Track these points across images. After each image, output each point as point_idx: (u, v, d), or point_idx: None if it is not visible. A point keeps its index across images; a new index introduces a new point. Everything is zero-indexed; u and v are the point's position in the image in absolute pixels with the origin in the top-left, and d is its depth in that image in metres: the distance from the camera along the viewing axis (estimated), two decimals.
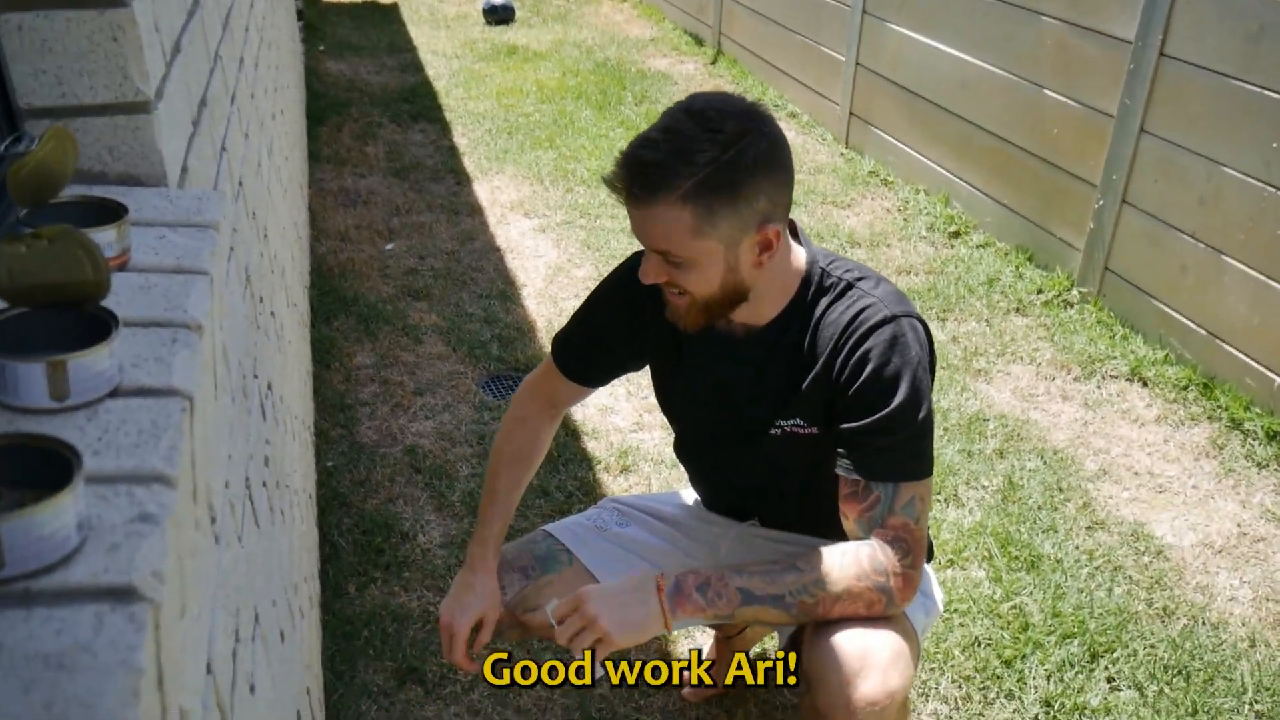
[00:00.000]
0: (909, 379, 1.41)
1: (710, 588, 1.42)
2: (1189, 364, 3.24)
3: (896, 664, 1.38)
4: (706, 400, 1.60)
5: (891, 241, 4.23)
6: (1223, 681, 2.13)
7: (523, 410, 1.73)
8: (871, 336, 1.42)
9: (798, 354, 1.48)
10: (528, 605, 1.59)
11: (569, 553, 1.67)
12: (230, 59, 1.71)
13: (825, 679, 1.38)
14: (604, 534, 1.73)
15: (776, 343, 1.49)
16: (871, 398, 1.41)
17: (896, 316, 1.43)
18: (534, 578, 1.63)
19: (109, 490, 0.63)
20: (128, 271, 0.90)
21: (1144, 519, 2.63)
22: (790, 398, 1.50)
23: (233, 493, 1.09)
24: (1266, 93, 2.92)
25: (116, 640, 0.53)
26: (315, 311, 3.50)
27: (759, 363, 1.51)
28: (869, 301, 1.45)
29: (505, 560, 1.65)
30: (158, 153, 1.04)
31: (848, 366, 1.43)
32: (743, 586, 1.41)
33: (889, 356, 1.41)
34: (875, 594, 1.41)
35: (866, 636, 1.40)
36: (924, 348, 1.45)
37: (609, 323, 1.63)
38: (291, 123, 3.63)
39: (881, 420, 1.41)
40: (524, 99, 5.99)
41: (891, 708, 1.36)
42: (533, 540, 1.70)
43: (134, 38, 0.98)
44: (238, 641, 1.03)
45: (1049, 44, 3.79)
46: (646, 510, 1.80)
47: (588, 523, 1.75)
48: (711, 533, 1.76)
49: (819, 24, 5.46)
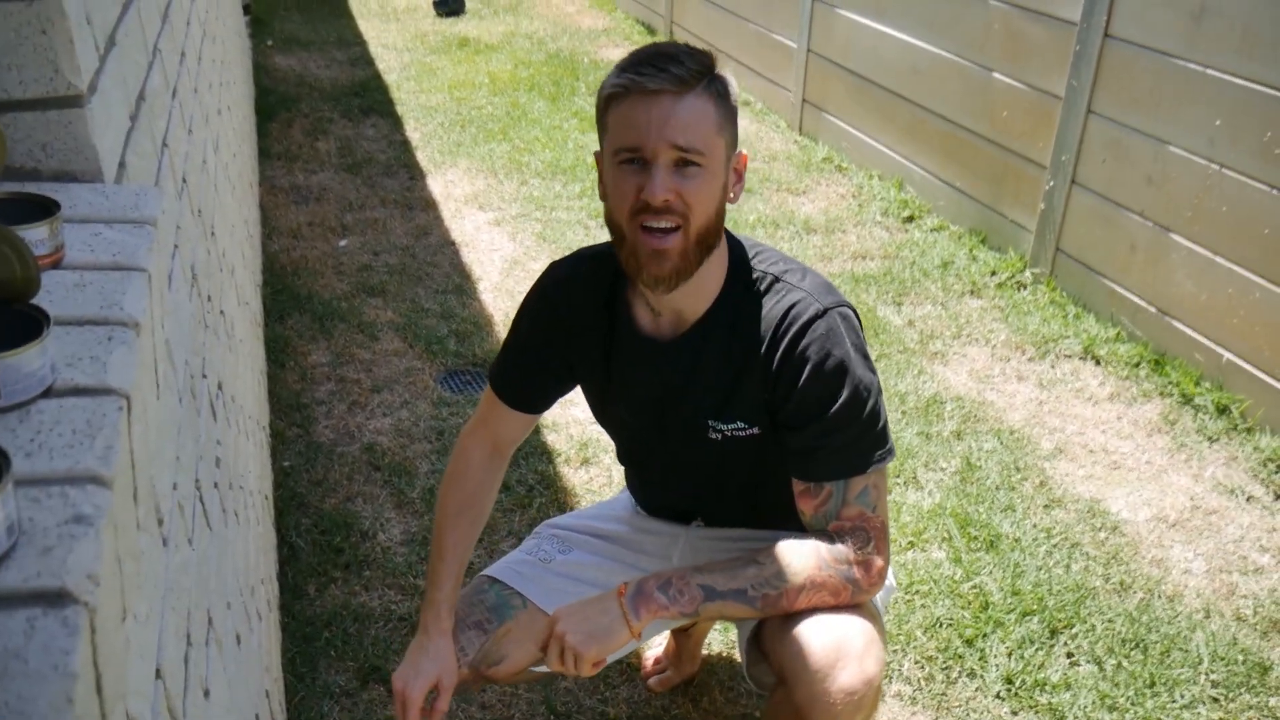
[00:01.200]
0: (850, 374, 1.40)
1: (672, 586, 1.40)
2: (1140, 341, 3.28)
3: (870, 650, 1.38)
4: (642, 410, 1.58)
5: (847, 227, 4.25)
6: (1179, 653, 2.16)
7: (464, 461, 1.65)
8: (807, 333, 1.40)
9: (728, 352, 1.46)
10: (491, 659, 1.53)
11: (520, 595, 1.61)
12: (170, 53, 1.68)
13: (800, 673, 1.37)
14: (549, 566, 1.67)
15: (705, 341, 1.47)
16: (816, 397, 1.41)
17: (828, 309, 1.42)
18: (491, 630, 1.56)
19: (41, 493, 0.61)
20: (62, 269, 0.87)
21: (1099, 495, 2.67)
22: (728, 399, 1.48)
23: (182, 494, 1.07)
24: (1208, 71, 2.96)
25: (49, 645, 0.52)
26: (268, 310, 3.45)
27: (690, 365, 1.49)
28: (798, 296, 1.43)
29: (458, 619, 1.57)
30: (92, 148, 1.01)
31: (786, 366, 1.41)
32: (704, 583, 1.40)
33: (828, 350, 1.40)
34: (840, 582, 1.40)
35: (835, 626, 1.39)
36: (859, 335, 1.44)
37: (539, 339, 1.60)
38: (239, 119, 3.57)
39: (829, 421, 1.40)
40: (476, 92, 5.94)
41: (870, 694, 1.36)
42: (480, 591, 1.63)
43: (64, 30, 0.96)
44: (190, 645, 1.02)
45: (996, 27, 3.82)
46: (587, 530, 1.75)
47: (530, 558, 1.69)
48: (659, 542, 1.73)
49: (770, 11, 5.47)
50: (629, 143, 1.33)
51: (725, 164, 1.37)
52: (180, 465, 1.08)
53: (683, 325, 1.48)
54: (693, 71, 1.32)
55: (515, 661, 1.52)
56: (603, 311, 1.53)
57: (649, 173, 1.32)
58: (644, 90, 1.31)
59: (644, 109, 1.31)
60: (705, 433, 1.52)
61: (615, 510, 1.82)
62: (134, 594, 0.71)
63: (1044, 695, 2.06)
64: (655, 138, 1.31)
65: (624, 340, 1.53)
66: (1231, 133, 2.91)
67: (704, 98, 1.33)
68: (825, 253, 4.01)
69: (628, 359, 1.54)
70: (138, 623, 0.72)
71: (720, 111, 1.35)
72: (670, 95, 1.31)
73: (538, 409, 1.68)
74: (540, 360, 1.61)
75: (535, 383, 1.64)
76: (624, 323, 1.53)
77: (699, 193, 1.34)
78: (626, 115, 1.33)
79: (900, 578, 2.34)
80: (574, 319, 1.56)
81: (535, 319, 1.60)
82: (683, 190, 1.33)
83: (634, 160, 1.33)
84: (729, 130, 1.37)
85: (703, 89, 1.33)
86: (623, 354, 1.54)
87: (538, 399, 1.66)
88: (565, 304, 1.56)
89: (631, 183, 1.34)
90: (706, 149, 1.33)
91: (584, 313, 1.55)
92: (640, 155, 1.33)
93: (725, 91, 1.36)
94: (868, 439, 1.43)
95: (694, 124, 1.32)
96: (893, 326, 3.46)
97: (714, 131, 1.34)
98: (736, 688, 2.10)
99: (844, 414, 1.40)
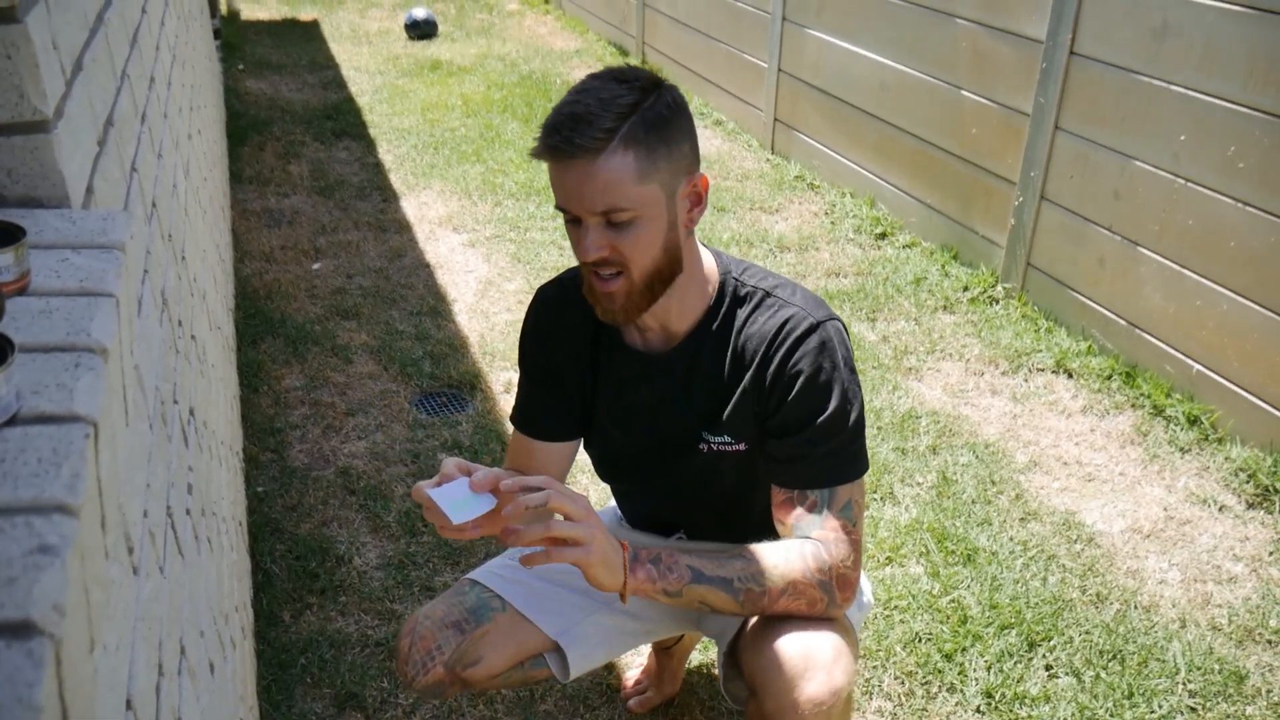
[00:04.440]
0: (840, 385, 1.43)
1: (661, 561, 1.40)
2: (1111, 354, 3.31)
3: (839, 661, 1.38)
4: (628, 423, 1.58)
5: (820, 245, 4.28)
6: (1156, 663, 2.17)
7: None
8: (801, 346, 1.43)
9: (721, 367, 1.48)
10: (467, 660, 1.53)
11: (500, 598, 1.60)
12: (139, 77, 1.67)
13: (770, 684, 1.38)
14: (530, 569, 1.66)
15: (698, 355, 1.49)
16: (806, 407, 1.43)
17: (821, 323, 1.45)
18: (469, 631, 1.55)
19: (6, 522, 0.60)
20: (28, 296, 0.86)
21: (1074, 508, 2.68)
22: (718, 413, 1.50)
23: (152, 522, 1.06)
24: (1172, 87, 3.01)
25: (14, 678, 0.51)
26: (241, 334, 3.43)
27: (682, 378, 1.51)
28: (791, 311, 1.45)
29: (436, 619, 1.56)
30: (59, 173, 1.00)
31: (781, 378, 1.43)
32: (692, 565, 1.40)
33: (820, 364, 1.42)
34: (817, 592, 1.41)
35: (806, 638, 1.40)
36: (849, 350, 1.47)
37: (544, 365, 1.60)
38: (210, 143, 3.55)
39: (818, 429, 1.42)
40: (449, 114, 5.95)
41: (838, 705, 1.37)
42: (460, 592, 1.61)
43: (29, 55, 0.95)
44: (161, 675, 1.00)
45: (964, 45, 3.86)
46: None
47: (512, 562, 1.68)
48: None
49: (740, 31, 5.51)
50: (560, 203, 1.35)
51: (666, 203, 1.35)
52: (151, 492, 1.07)
53: (673, 339, 1.50)
54: (605, 130, 1.28)
55: (491, 665, 1.53)
56: (592, 327, 1.55)
57: (583, 229, 1.35)
58: (559, 157, 1.31)
59: (561, 175, 1.32)
60: (694, 444, 1.52)
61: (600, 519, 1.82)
62: (103, 624, 0.70)
63: (1024, 708, 2.06)
64: (576, 204, 1.33)
65: (613, 355, 1.55)
66: (1195, 147, 2.95)
67: (620, 153, 1.29)
68: (799, 270, 4.03)
69: (617, 373, 1.55)
70: (107, 653, 0.71)
71: (643, 159, 1.30)
72: (584, 160, 1.29)
73: (569, 436, 1.63)
74: (552, 383, 1.60)
75: (556, 409, 1.61)
76: (613, 338, 1.55)
77: (635, 244, 1.35)
78: (553, 177, 1.35)
79: (879, 593, 2.34)
80: (563, 336, 1.57)
81: (534, 345, 1.61)
82: (617, 243, 1.34)
83: (571, 219, 1.36)
84: (663, 169, 1.33)
85: (619, 142, 1.29)
86: (612, 369, 1.55)
87: (564, 425, 1.62)
88: (555, 323, 1.58)
89: (574, 235, 1.37)
90: (631, 203, 1.32)
91: (572, 329, 1.56)
92: (571, 214, 1.35)
93: (657, 121, 1.31)
94: (850, 450, 1.45)
95: (612, 185, 1.30)
96: (867, 343, 3.47)
97: (635, 183, 1.31)
98: (718, 707, 2.09)
99: (831, 424, 1.42)
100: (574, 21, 8.35)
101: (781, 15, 5.04)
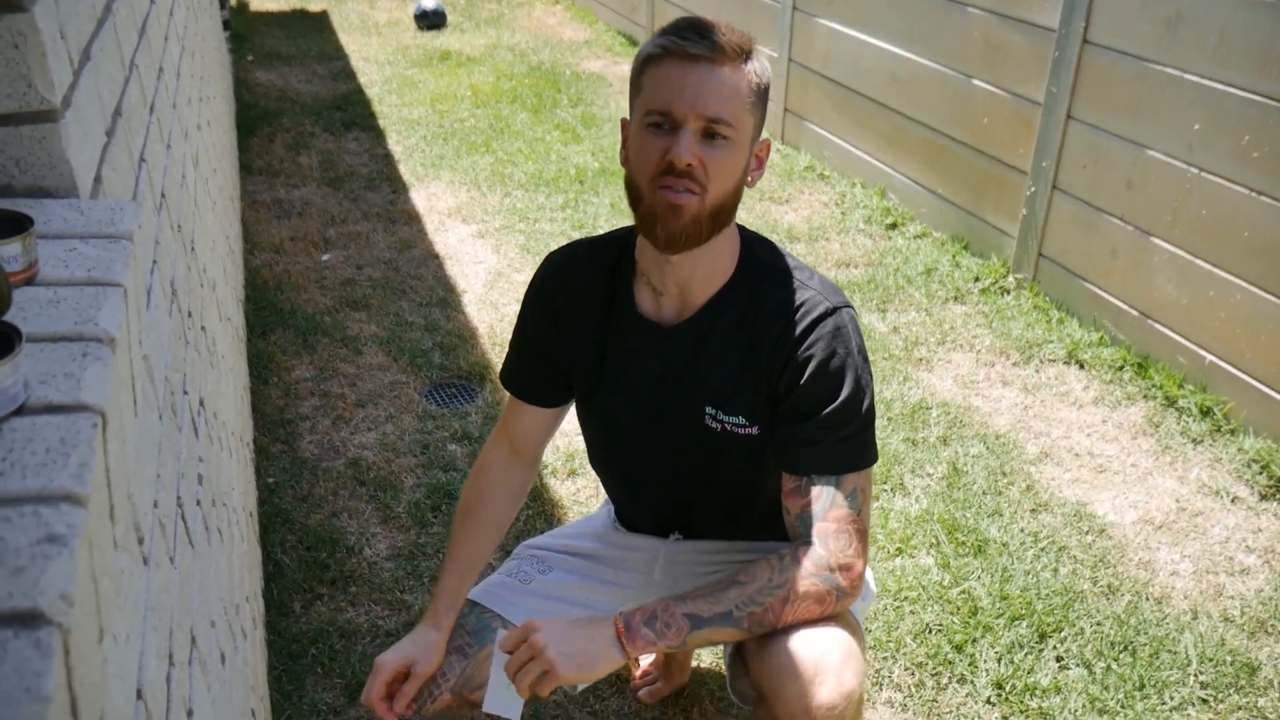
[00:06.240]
0: (854, 372, 1.42)
1: (658, 620, 1.37)
2: (1123, 345, 3.30)
3: (849, 664, 1.36)
4: (637, 396, 1.55)
5: (830, 235, 4.26)
6: (1168, 655, 2.16)
7: (480, 461, 1.69)
8: (816, 329, 1.41)
9: (735, 342, 1.46)
10: (474, 684, 1.53)
11: (500, 618, 1.60)
12: (148, 68, 1.67)
13: (780, 690, 1.36)
14: (529, 587, 1.66)
15: (712, 328, 1.47)
16: (818, 392, 1.41)
17: (837, 308, 1.43)
18: (473, 655, 1.55)
19: (14, 512, 0.60)
20: (35, 286, 0.86)
21: (1085, 499, 2.67)
22: (732, 390, 1.47)
23: (163, 512, 1.06)
24: (1186, 76, 2.98)
25: (22, 668, 0.51)
26: (251, 325, 3.43)
27: (695, 351, 1.48)
28: (808, 294, 1.44)
29: None
30: (67, 163, 1.00)
31: (794, 361, 1.42)
32: (689, 612, 1.37)
33: (834, 349, 1.41)
34: (823, 589, 1.39)
35: (814, 640, 1.37)
36: (861, 338, 1.45)
37: (541, 328, 1.59)
38: (220, 134, 3.55)
39: (829, 415, 1.41)
40: (458, 104, 5.94)
41: (850, 708, 1.35)
42: (460, 616, 1.61)
43: (36, 44, 0.95)
44: (172, 665, 1.00)
45: (976, 35, 3.84)
46: (565, 550, 1.74)
47: (509, 579, 1.68)
48: (638, 558, 1.72)
49: (750, 21, 5.49)
50: (660, 105, 1.33)
51: (750, 142, 1.38)
52: (161, 483, 1.07)
53: (687, 310, 1.48)
54: (733, 44, 1.33)
55: (494, 646, 1.52)
56: (603, 294, 1.53)
57: (676, 137, 1.32)
58: (683, 54, 1.31)
59: (680, 73, 1.31)
60: (702, 420, 1.50)
61: (592, 527, 1.81)
62: (112, 614, 0.70)
63: (1034, 700, 2.06)
64: (688, 102, 1.31)
65: (623, 324, 1.52)
66: (1209, 136, 2.93)
67: (740, 72, 1.33)
68: (809, 261, 4.02)
69: (626, 343, 1.52)
70: (117, 643, 0.71)
71: (754, 90, 1.35)
72: (707, 63, 1.31)
73: (550, 402, 1.65)
74: (545, 349, 1.60)
75: (541, 372, 1.62)
76: (625, 306, 1.51)
77: (722, 164, 1.33)
78: (662, 77, 1.33)
79: (889, 584, 2.34)
80: (571, 303, 1.54)
81: (535, 308, 1.60)
82: (707, 159, 1.32)
83: (662, 124, 1.33)
84: (759, 111, 1.37)
85: (741, 64, 1.33)
86: (621, 337, 1.53)
87: (548, 391, 1.64)
88: (562, 290, 1.55)
89: (657, 145, 1.33)
90: (735, 122, 1.32)
91: (581, 295, 1.54)
92: (670, 119, 1.32)
93: (761, 73, 1.37)
94: (861, 439, 1.44)
95: (727, 95, 1.32)
96: (878, 333, 3.46)
97: (745, 108, 1.34)
98: (727, 698, 2.09)
99: (843, 412, 1.41)
100: (583, 12, 8.33)
101: (792, 4, 5.02)
